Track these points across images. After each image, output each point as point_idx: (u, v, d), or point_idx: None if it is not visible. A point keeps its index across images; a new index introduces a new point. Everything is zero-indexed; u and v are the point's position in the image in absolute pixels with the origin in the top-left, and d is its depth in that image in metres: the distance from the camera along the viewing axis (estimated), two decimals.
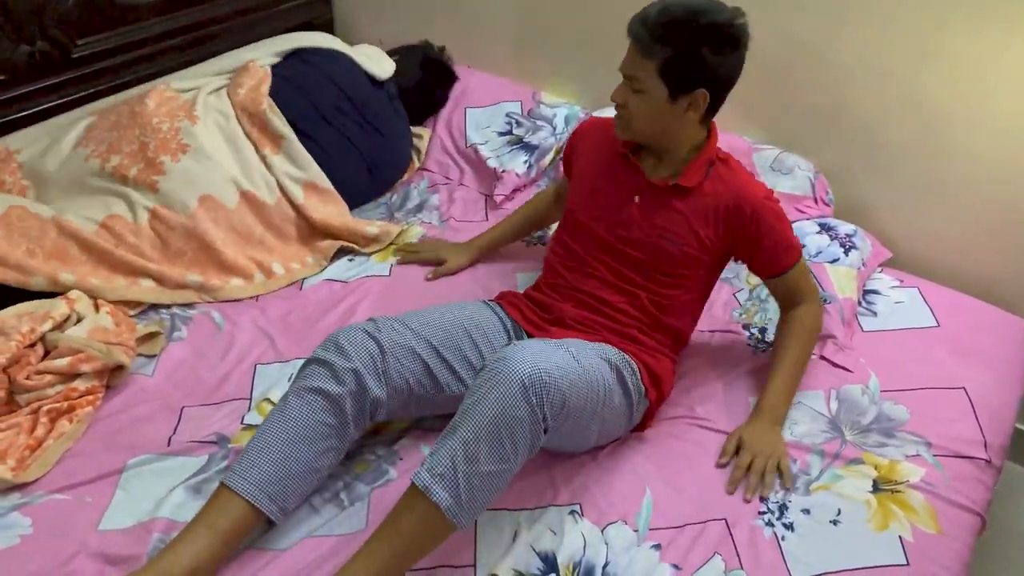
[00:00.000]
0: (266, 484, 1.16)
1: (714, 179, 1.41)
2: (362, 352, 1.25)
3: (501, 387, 1.11)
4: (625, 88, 1.35)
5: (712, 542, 1.24)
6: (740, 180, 1.44)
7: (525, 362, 1.12)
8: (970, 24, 1.67)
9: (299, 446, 1.19)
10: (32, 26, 1.81)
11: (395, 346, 1.29)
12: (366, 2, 2.49)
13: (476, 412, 1.11)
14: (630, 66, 1.34)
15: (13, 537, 1.17)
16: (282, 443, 1.19)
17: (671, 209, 1.41)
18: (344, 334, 1.28)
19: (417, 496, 1.10)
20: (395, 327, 1.31)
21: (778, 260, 1.45)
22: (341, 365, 1.23)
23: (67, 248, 1.61)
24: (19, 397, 1.36)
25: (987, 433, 1.46)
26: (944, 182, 1.85)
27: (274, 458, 1.18)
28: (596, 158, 1.50)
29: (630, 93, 1.34)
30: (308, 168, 1.88)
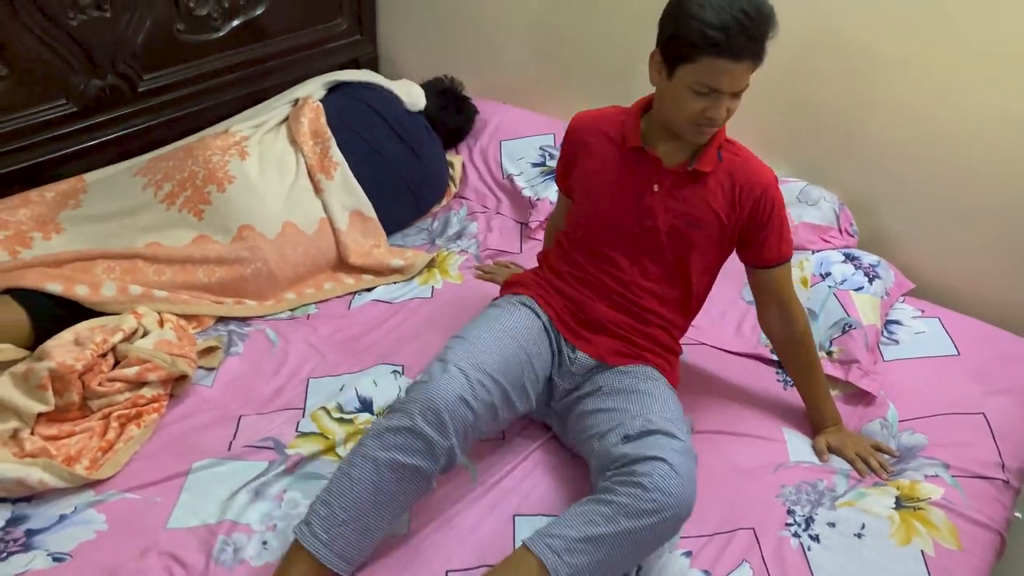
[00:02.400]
0: (349, 552, 1.19)
1: (727, 161, 1.43)
2: (459, 425, 1.25)
3: (664, 529, 1.19)
4: (728, 101, 1.31)
5: (741, 550, 1.30)
6: (752, 161, 1.46)
7: (687, 498, 1.20)
8: (995, 59, 1.74)
9: (385, 515, 1.22)
10: (105, 62, 1.95)
11: (482, 405, 1.30)
12: (408, 42, 2.62)
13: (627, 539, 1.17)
14: (743, 82, 1.30)
15: (90, 532, 1.26)
16: (370, 515, 1.20)
17: (690, 193, 1.42)
18: (445, 403, 1.24)
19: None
20: (483, 383, 1.31)
21: (776, 250, 1.47)
22: (440, 443, 1.23)
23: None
24: (91, 403, 1.46)
25: (1005, 456, 1.50)
26: (965, 214, 1.91)
27: (359, 530, 1.20)
28: (603, 155, 1.48)
29: (732, 102, 1.32)
30: (357, 195, 2.00)
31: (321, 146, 2.01)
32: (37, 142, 1.88)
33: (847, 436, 1.54)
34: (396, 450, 1.22)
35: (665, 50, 1.32)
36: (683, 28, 1.26)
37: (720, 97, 1.30)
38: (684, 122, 1.34)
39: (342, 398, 1.53)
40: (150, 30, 2.01)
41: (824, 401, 1.55)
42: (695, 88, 1.29)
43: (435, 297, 1.88)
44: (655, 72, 1.36)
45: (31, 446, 1.35)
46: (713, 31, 1.23)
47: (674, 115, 1.36)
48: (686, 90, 1.30)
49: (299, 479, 1.37)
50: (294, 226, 1.89)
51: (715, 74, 1.27)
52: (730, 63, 1.25)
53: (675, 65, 1.30)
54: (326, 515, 1.20)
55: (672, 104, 1.35)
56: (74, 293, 1.60)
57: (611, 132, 1.48)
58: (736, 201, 1.43)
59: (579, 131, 1.53)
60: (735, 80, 1.28)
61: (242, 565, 1.23)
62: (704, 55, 1.25)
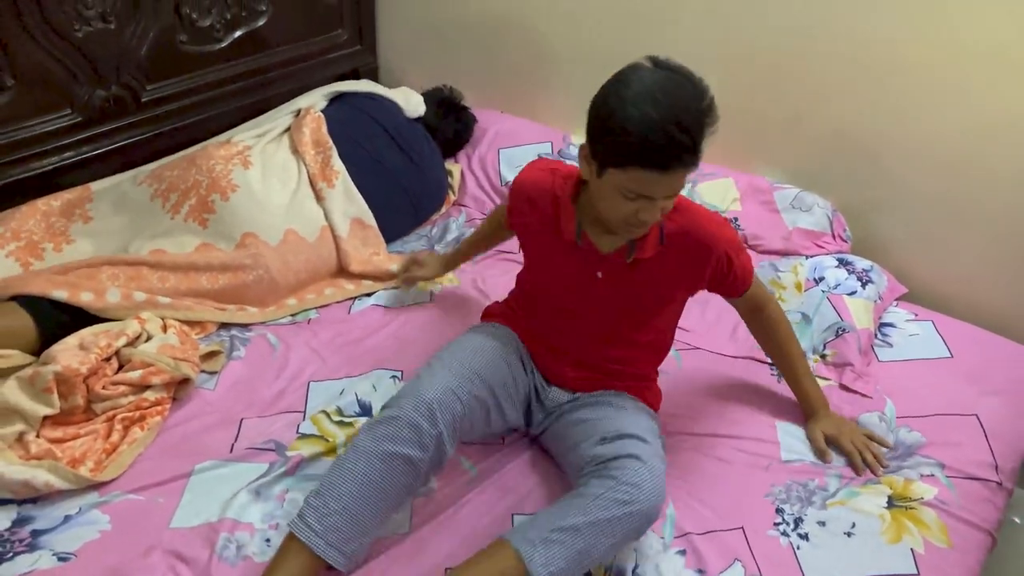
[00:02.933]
0: (343, 543, 1.21)
1: (672, 237, 1.34)
2: (447, 415, 1.29)
3: (635, 522, 1.22)
4: (663, 202, 1.22)
5: (732, 549, 1.32)
6: (698, 227, 1.34)
7: (657, 495, 1.23)
8: (987, 65, 1.76)
9: (377, 507, 1.24)
10: (109, 72, 1.98)
11: (471, 399, 1.34)
12: (408, 52, 2.65)
13: (601, 530, 1.20)
14: (677, 186, 1.21)
15: (94, 532, 1.28)
16: (362, 506, 1.22)
17: (638, 278, 1.37)
18: (434, 394, 1.30)
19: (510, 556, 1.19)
20: (471, 379, 1.35)
21: (741, 285, 1.44)
22: (428, 431, 1.27)
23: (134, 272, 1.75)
24: (96, 406, 1.49)
25: (998, 457, 1.52)
26: (957, 220, 1.93)
27: (351, 519, 1.22)
28: (543, 242, 1.43)
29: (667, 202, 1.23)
30: (357, 204, 2.03)
31: (323, 155, 2.05)
32: (42, 151, 1.91)
33: (843, 424, 1.56)
34: (386, 440, 1.26)
35: (593, 149, 1.22)
36: (610, 136, 1.17)
37: (652, 202, 1.21)
38: (616, 221, 1.26)
39: (342, 402, 1.56)
40: (153, 41, 2.04)
41: (816, 389, 1.59)
42: (625, 193, 1.20)
43: (434, 301, 1.90)
44: (585, 164, 1.27)
45: (37, 448, 1.38)
46: (642, 147, 1.13)
47: (605, 214, 1.27)
48: (615, 192, 1.21)
49: (300, 480, 1.40)
50: (296, 234, 1.92)
51: (645, 183, 1.17)
52: (659, 175, 1.16)
53: (604, 167, 1.21)
54: (318, 506, 1.22)
55: (602, 203, 1.26)
56: (79, 299, 1.63)
57: (548, 214, 1.39)
58: (694, 272, 1.38)
59: (519, 209, 1.45)
60: (667, 188, 1.19)
61: (245, 561, 1.25)
62: (632, 165, 1.16)
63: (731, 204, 2.07)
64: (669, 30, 2.14)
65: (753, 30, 2.02)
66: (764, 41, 2.02)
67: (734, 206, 2.07)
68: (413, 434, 1.26)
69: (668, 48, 2.15)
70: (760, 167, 2.15)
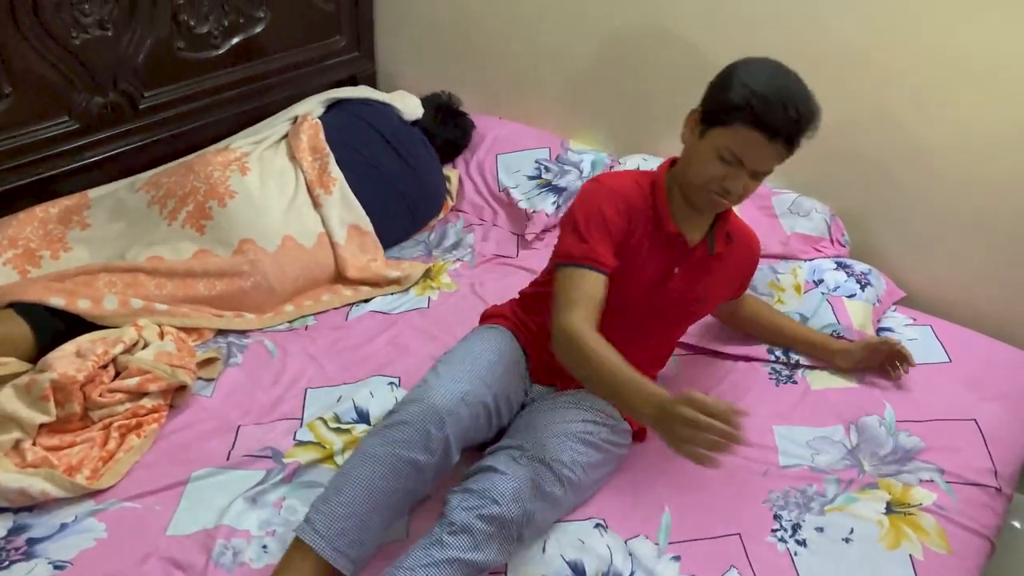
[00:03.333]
0: (350, 548, 1.20)
1: (733, 234, 1.51)
2: (454, 421, 1.29)
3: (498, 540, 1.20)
4: (747, 179, 1.33)
5: (728, 555, 1.32)
6: (747, 229, 1.58)
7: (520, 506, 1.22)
8: (984, 72, 1.77)
9: (384, 512, 1.24)
10: (107, 79, 1.98)
11: (477, 404, 1.34)
12: (406, 58, 2.66)
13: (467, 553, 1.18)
14: (769, 163, 1.32)
15: (90, 540, 1.27)
16: (369, 511, 1.22)
17: (705, 275, 1.48)
18: (441, 400, 1.29)
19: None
20: (476, 385, 1.35)
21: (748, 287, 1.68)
22: (436, 436, 1.26)
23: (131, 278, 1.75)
24: (92, 413, 1.48)
25: (997, 463, 1.52)
26: (956, 224, 1.93)
27: (358, 524, 1.21)
28: (640, 232, 1.42)
29: (751, 182, 1.34)
30: (355, 210, 2.03)
31: (320, 162, 2.05)
32: (40, 158, 1.91)
33: (865, 348, 1.69)
34: (394, 445, 1.26)
35: (705, 109, 1.34)
36: (730, 91, 1.29)
37: (741, 170, 1.31)
38: (700, 186, 1.35)
39: (339, 409, 1.55)
40: (151, 48, 2.04)
41: (818, 334, 1.73)
42: (722, 153, 1.30)
43: (431, 307, 1.90)
44: (688, 130, 1.38)
45: (33, 456, 1.37)
46: (758, 101, 1.25)
47: (692, 177, 1.36)
48: (712, 152, 1.31)
49: (297, 487, 1.39)
50: (293, 240, 1.92)
51: (745, 144, 1.28)
52: (762, 138, 1.27)
53: (710, 126, 1.32)
54: (326, 511, 1.22)
55: (695, 165, 1.35)
56: (76, 307, 1.63)
57: (643, 206, 1.42)
58: (744, 274, 1.61)
59: (618, 208, 1.39)
60: (761, 157, 1.29)
61: (242, 567, 1.25)
62: (741, 122, 1.27)
63: None
64: (667, 37, 2.15)
65: (751, 37, 2.02)
66: (762, 48, 2.01)
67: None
68: (422, 439, 1.26)
69: (666, 55, 2.17)
70: None
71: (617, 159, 2.28)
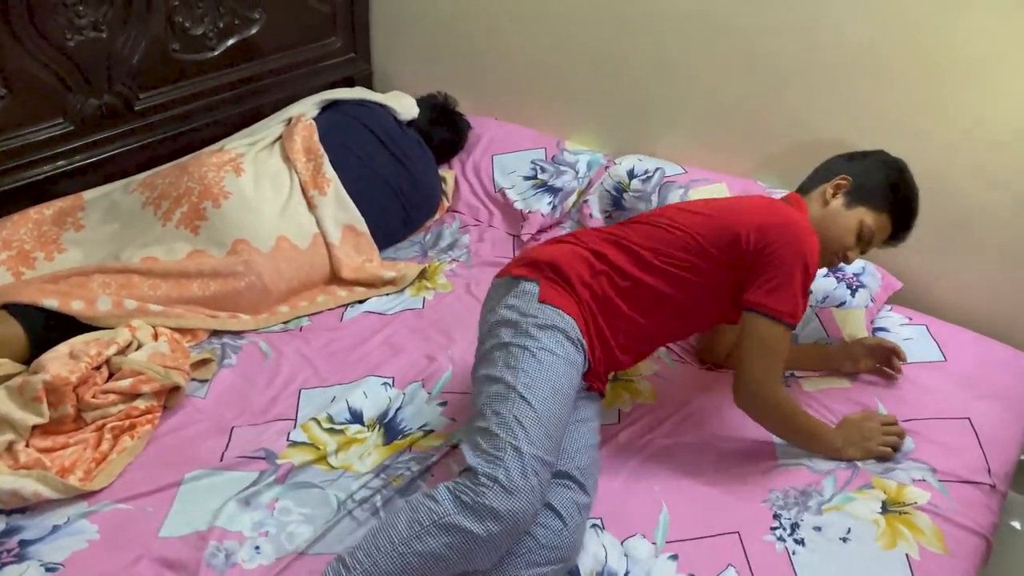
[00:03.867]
0: None
1: None
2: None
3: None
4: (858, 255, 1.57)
5: (726, 554, 1.31)
6: None
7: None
8: (979, 69, 1.77)
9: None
10: (101, 81, 1.98)
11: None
12: (402, 59, 2.66)
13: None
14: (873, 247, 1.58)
15: (82, 542, 1.27)
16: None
17: None
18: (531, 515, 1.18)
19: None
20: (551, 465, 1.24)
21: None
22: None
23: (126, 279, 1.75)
24: (86, 415, 1.48)
25: (991, 461, 1.51)
26: (951, 223, 1.92)
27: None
28: None
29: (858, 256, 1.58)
30: (349, 211, 2.02)
31: (314, 163, 2.04)
32: (35, 160, 1.91)
33: (862, 347, 1.72)
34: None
35: (861, 186, 1.54)
36: (895, 187, 1.54)
37: (865, 249, 1.55)
38: (834, 246, 1.52)
39: (333, 410, 1.55)
40: (146, 50, 2.04)
41: (816, 348, 1.75)
42: (863, 230, 1.52)
43: (426, 308, 1.90)
44: (834, 194, 1.55)
45: (26, 458, 1.37)
46: (911, 211, 1.56)
47: (831, 237, 1.51)
48: (856, 225, 1.52)
49: (290, 488, 1.39)
50: (288, 241, 1.91)
51: (881, 231, 1.55)
52: (890, 233, 1.57)
53: (859, 201, 1.53)
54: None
55: (836, 228, 1.52)
56: (70, 308, 1.62)
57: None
58: None
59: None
60: (880, 242, 1.58)
61: (234, 568, 1.24)
62: (889, 215, 1.54)
63: None
64: (664, 36, 2.15)
65: (747, 36, 2.03)
66: (757, 46, 2.02)
67: None
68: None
69: (664, 54, 2.17)
70: (752, 172, 2.15)
71: (613, 159, 2.28)
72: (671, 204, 1.80)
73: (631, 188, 2.15)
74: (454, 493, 1.16)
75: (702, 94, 2.16)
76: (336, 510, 1.35)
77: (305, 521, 1.33)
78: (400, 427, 1.54)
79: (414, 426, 1.54)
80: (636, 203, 2.12)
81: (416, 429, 1.53)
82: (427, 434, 1.52)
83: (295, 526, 1.32)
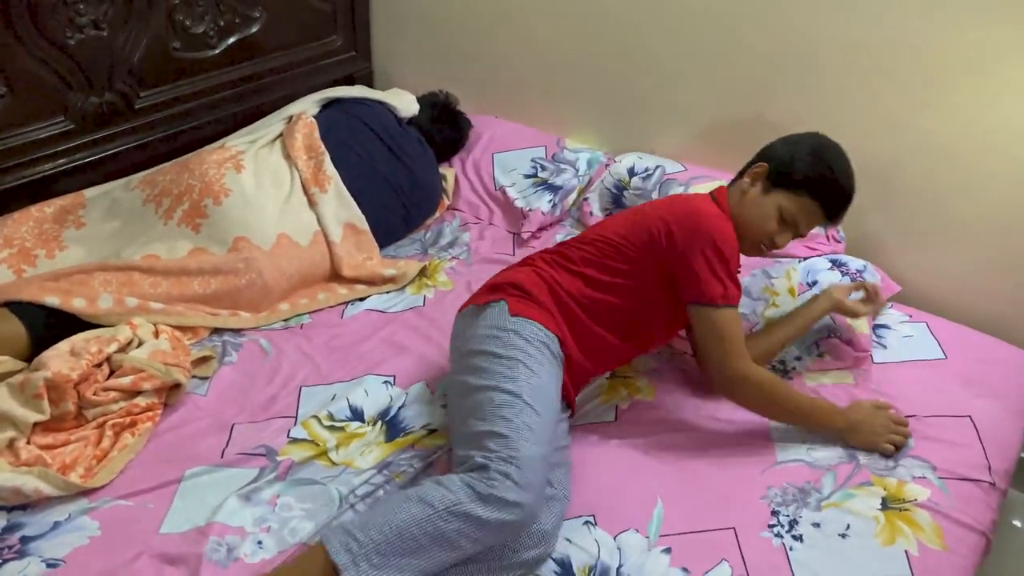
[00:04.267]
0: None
1: None
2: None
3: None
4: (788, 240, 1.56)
5: (720, 549, 1.31)
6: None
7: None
8: (979, 68, 1.77)
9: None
10: (102, 79, 1.98)
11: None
12: (403, 58, 2.66)
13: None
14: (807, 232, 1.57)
15: (83, 538, 1.27)
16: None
17: None
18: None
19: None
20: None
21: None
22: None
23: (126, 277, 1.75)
24: (87, 412, 1.49)
25: (992, 458, 1.51)
26: (951, 221, 1.93)
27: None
28: None
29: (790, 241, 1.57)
30: (350, 208, 2.03)
31: (315, 160, 2.05)
32: (36, 158, 1.91)
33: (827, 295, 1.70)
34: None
35: (776, 171, 1.52)
36: (808, 167, 1.50)
37: (790, 233, 1.53)
38: (754, 234, 1.52)
39: (333, 407, 1.55)
40: (146, 48, 2.04)
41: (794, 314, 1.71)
42: (783, 214, 1.51)
43: (427, 306, 1.90)
44: (752, 182, 1.55)
45: (27, 455, 1.37)
46: (830, 186, 1.50)
47: (751, 227, 1.52)
48: (774, 210, 1.51)
49: (291, 484, 1.39)
50: (289, 238, 1.92)
51: (805, 213, 1.51)
52: (822, 213, 1.52)
53: (776, 186, 1.52)
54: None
55: (756, 218, 1.52)
56: (71, 306, 1.63)
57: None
58: None
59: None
60: (812, 225, 1.55)
61: (236, 563, 1.24)
62: (809, 195, 1.50)
63: None
64: (665, 34, 2.15)
65: (747, 33, 2.03)
66: (757, 44, 2.02)
67: None
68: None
69: (665, 52, 2.17)
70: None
71: (613, 157, 2.28)
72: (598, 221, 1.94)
73: (631, 186, 2.15)
74: (467, 483, 1.19)
75: (702, 92, 2.16)
76: (339, 505, 1.35)
77: (307, 516, 1.33)
78: (402, 425, 1.54)
79: (417, 425, 1.54)
80: (636, 201, 2.13)
81: (419, 428, 1.54)
82: (430, 433, 1.53)
83: (297, 521, 1.32)
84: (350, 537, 1.16)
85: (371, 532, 1.15)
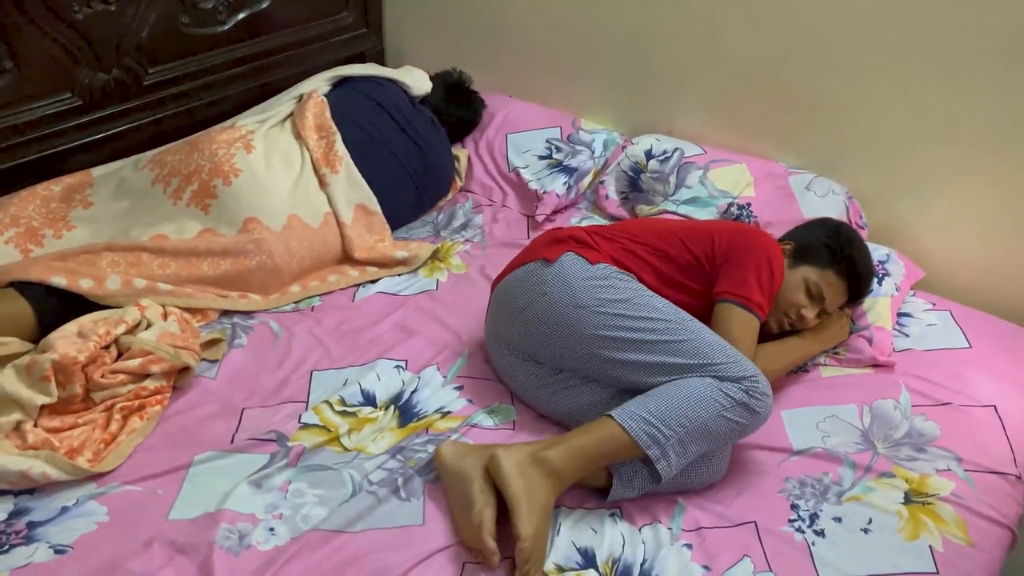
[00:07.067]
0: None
1: None
2: None
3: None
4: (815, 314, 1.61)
5: (742, 544, 1.29)
6: None
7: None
8: (1003, 52, 1.72)
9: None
10: (110, 55, 1.94)
11: None
12: (415, 35, 2.61)
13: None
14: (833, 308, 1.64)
15: (91, 524, 1.26)
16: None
17: None
18: None
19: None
20: None
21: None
22: None
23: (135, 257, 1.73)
24: (95, 395, 1.46)
25: (1017, 450, 1.49)
26: (974, 207, 1.89)
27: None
28: None
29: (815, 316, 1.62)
30: (361, 189, 1.99)
31: (326, 140, 2.01)
32: (43, 135, 1.88)
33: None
34: None
35: (800, 248, 1.63)
36: (831, 241, 1.62)
37: (819, 308, 1.60)
38: (785, 305, 1.59)
39: (345, 392, 1.53)
40: (155, 23, 2.00)
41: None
42: (810, 286, 1.59)
43: (440, 289, 1.87)
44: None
45: (34, 438, 1.35)
46: (855, 264, 1.62)
47: (782, 296, 1.58)
48: (801, 282, 1.59)
49: (302, 471, 1.37)
50: (299, 219, 1.88)
51: (831, 289, 1.60)
52: (844, 292, 1.62)
53: (802, 262, 1.61)
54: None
55: (785, 287, 1.58)
56: (79, 286, 1.60)
57: None
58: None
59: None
60: (836, 302, 1.62)
61: (250, 550, 1.22)
62: (834, 274, 1.60)
63: (744, 189, 2.02)
64: (683, 13, 2.10)
65: (767, 12, 1.97)
66: (778, 23, 1.97)
67: (747, 191, 2.02)
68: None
69: (684, 30, 2.12)
70: (774, 152, 2.10)
71: (629, 139, 2.24)
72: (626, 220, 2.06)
73: (649, 169, 2.10)
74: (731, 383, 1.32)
75: (721, 72, 2.11)
76: (351, 491, 1.33)
77: (320, 503, 1.31)
78: (415, 410, 1.52)
79: (430, 409, 1.52)
80: (654, 184, 2.08)
81: (432, 412, 1.51)
82: (444, 415, 1.50)
83: (310, 508, 1.30)
84: (654, 428, 1.27)
85: (672, 424, 1.27)
